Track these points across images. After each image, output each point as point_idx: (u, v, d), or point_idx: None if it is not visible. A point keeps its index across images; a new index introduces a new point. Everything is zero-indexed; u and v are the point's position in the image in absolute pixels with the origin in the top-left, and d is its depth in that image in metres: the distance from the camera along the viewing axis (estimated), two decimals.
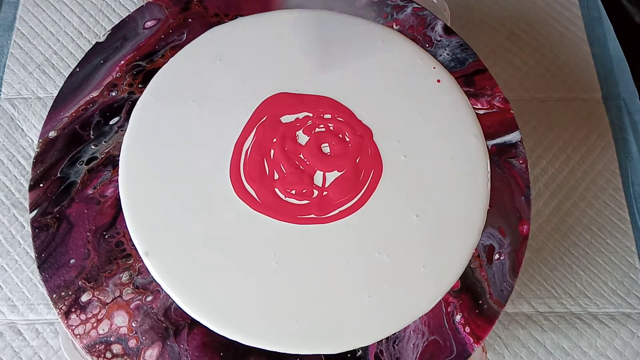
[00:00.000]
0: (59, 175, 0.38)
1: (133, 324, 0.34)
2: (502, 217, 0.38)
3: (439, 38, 0.43)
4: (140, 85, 0.40)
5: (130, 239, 0.36)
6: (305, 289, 0.35)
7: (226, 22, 0.43)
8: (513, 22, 0.60)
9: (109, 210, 0.37)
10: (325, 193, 0.38)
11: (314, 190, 0.38)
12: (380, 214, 0.37)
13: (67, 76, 0.41)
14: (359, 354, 0.34)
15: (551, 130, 0.55)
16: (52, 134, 0.39)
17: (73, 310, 0.34)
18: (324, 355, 0.34)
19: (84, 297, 0.35)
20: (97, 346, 0.34)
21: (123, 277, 0.35)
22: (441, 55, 0.43)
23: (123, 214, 0.36)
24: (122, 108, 0.40)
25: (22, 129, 0.53)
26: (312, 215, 0.37)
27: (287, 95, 0.40)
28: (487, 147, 0.40)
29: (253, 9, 0.43)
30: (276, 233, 0.36)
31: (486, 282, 0.36)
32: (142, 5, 0.44)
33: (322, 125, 0.40)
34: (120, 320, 0.34)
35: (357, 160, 0.39)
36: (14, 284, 0.47)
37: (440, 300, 0.35)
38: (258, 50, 0.42)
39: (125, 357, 0.33)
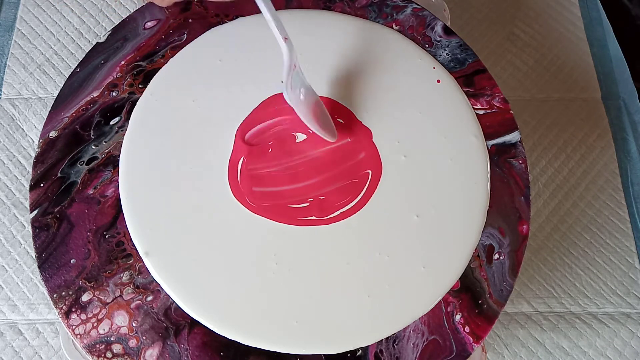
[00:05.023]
0: (59, 175, 0.38)
1: (133, 324, 0.34)
2: (502, 217, 0.38)
3: (438, 38, 0.43)
4: (140, 86, 0.40)
5: (131, 239, 0.36)
6: (305, 289, 0.35)
7: (226, 22, 0.43)
8: (513, 22, 0.60)
9: (109, 210, 0.37)
10: None
11: None
12: (381, 214, 0.37)
13: (67, 76, 0.41)
14: (359, 353, 0.34)
15: (551, 130, 0.55)
16: (52, 134, 0.39)
17: (73, 310, 0.34)
18: (324, 355, 0.34)
19: (85, 297, 0.35)
20: (97, 346, 0.34)
21: (123, 277, 0.35)
22: (441, 55, 0.43)
23: (123, 214, 0.36)
24: (122, 108, 0.40)
25: (22, 129, 0.53)
26: (313, 217, 0.37)
27: None
28: (487, 147, 0.40)
29: (253, 10, 0.43)
30: (276, 234, 0.36)
31: (486, 282, 0.36)
32: (143, 6, 0.44)
33: None
34: (121, 320, 0.34)
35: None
36: (14, 283, 0.48)
37: (440, 300, 0.35)
38: (258, 50, 0.42)
39: (126, 357, 0.34)
